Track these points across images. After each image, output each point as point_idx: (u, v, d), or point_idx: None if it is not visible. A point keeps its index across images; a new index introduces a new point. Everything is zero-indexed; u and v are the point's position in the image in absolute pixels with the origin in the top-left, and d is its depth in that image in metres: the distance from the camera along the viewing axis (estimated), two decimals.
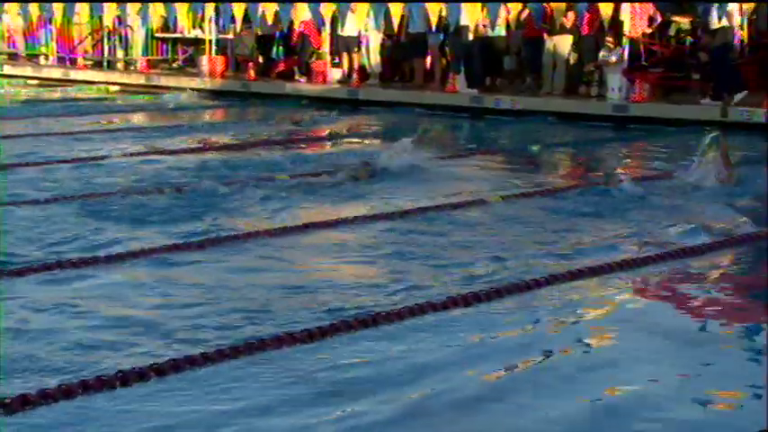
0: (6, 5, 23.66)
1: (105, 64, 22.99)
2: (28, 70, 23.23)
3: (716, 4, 14.54)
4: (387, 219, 7.93)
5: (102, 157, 11.19)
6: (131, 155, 11.51)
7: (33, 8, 23.10)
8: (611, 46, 15.84)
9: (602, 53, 15.98)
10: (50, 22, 23.25)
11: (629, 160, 11.86)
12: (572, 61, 16.50)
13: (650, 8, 15.88)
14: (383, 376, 4.54)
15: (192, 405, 4.20)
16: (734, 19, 14.74)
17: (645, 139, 13.73)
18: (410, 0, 17.47)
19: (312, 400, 4.27)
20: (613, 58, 15.74)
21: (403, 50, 18.75)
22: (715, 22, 14.61)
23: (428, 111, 16.61)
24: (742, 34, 15.48)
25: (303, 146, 13.08)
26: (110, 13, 22.34)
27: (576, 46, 16.41)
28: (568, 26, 16.17)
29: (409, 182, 9.80)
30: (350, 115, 16.85)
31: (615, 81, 15.56)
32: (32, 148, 11.91)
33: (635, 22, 15.63)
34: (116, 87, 21.29)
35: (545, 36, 16.46)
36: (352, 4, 18.39)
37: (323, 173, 10.11)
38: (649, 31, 15.52)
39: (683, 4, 15.23)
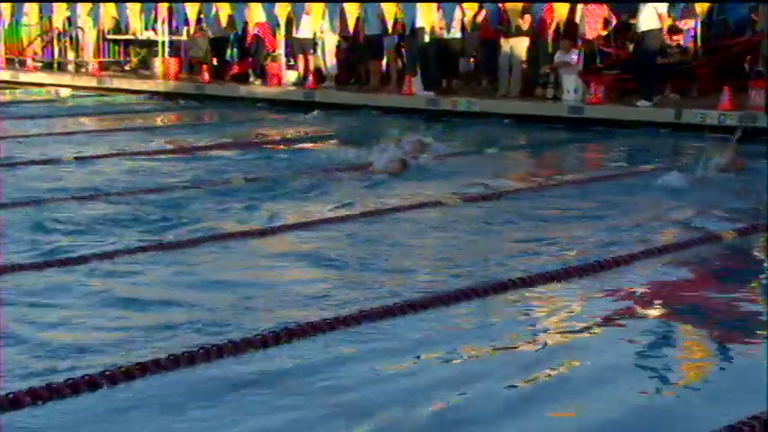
0: None
1: (55, 66, 22.66)
2: None
3: (648, 5, 14.65)
4: (339, 222, 7.85)
5: (53, 161, 11.00)
6: (84, 158, 11.33)
7: None
8: (567, 48, 15.88)
9: (557, 55, 16.03)
10: None
11: (587, 161, 11.86)
12: (528, 63, 16.52)
13: (605, 11, 15.94)
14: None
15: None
16: (660, 22, 14.83)
17: (600, 140, 13.77)
18: (366, 0, 17.39)
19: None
20: (569, 61, 15.79)
21: (359, 53, 18.67)
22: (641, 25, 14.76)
23: (384, 113, 16.55)
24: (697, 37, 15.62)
25: (268, 148, 12.98)
26: (59, 14, 22.01)
27: (531, 48, 16.43)
28: (524, 28, 16.18)
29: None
30: (307, 117, 16.75)
31: (571, 83, 15.61)
32: None
33: (590, 24, 15.68)
34: (67, 90, 20.98)
35: (501, 38, 16.46)
36: (307, 5, 18.28)
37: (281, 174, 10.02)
38: (605, 33, 15.57)
39: (638, 7, 15.30)
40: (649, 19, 14.73)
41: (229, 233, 7.35)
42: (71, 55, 22.59)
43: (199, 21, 20.14)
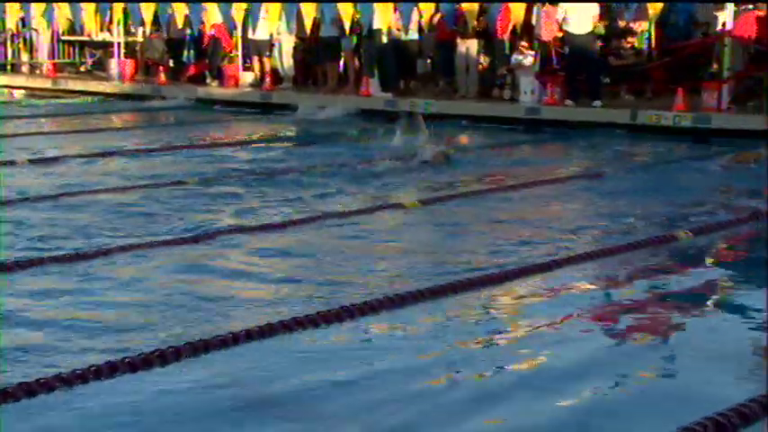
0: None
1: (9, 67, 22.40)
2: None
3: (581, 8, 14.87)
4: (301, 224, 7.84)
5: (7, 163, 10.89)
6: (39, 160, 11.22)
7: None
8: (524, 50, 15.97)
9: (514, 57, 16.11)
10: None
11: (544, 162, 11.91)
12: (485, 65, 16.59)
13: (561, 12, 16.04)
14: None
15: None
16: (591, 25, 15.04)
17: (556, 141, 13.85)
18: (322, 0, 17.37)
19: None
20: (526, 62, 15.88)
21: (316, 54, 18.64)
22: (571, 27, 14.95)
23: (342, 114, 16.54)
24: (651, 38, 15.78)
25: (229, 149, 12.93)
26: (12, 15, 21.74)
27: (489, 49, 16.50)
28: (478, 29, 16.25)
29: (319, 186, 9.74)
30: (264, 119, 16.71)
31: (527, 84, 15.70)
32: None
33: (546, 26, 15.78)
34: (21, 91, 20.76)
35: (457, 39, 16.51)
36: (263, 6, 18.21)
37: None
38: (560, 35, 15.67)
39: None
40: (583, 22, 14.90)
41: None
42: (25, 56, 22.34)
43: (155, 22, 20.00)
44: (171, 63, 20.54)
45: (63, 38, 22.58)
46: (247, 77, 19.09)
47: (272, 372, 4.59)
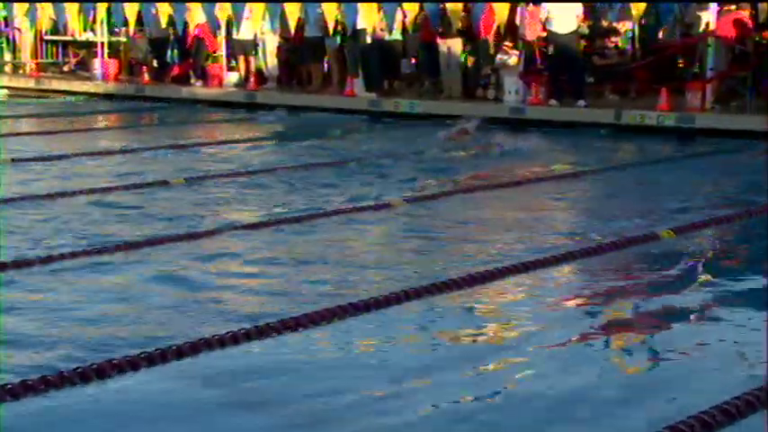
0: None
1: None
2: None
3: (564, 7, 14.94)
4: (280, 223, 7.83)
5: None
6: (22, 160, 11.17)
7: None
8: (508, 50, 15.99)
9: (498, 56, 16.13)
10: None
11: (528, 162, 11.92)
12: (469, 64, 16.61)
13: (545, 12, 16.07)
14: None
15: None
16: (575, 25, 15.10)
17: (542, 140, 13.86)
18: (307, 0, 17.35)
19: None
20: (510, 62, 15.90)
21: (300, 54, 18.62)
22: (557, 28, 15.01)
23: (327, 114, 16.54)
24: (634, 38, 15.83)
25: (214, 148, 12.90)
26: None
27: (473, 49, 16.52)
28: (463, 29, 16.26)
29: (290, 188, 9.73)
30: (248, 119, 16.69)
31: (512, 84, 15.72)
32: None
33: (530, 25, 15.81)
34: (3, 91, 20.65)
35: (438, 39, 16.52)
36: (247, 6, 18.18)
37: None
38: (544, 34, 15.70)
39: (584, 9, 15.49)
40: (566, 21, 14.95)
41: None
42: (8, 56, 22.23)
43: (138, 22, 19.94)
44: (155, 63, 20.47)
45: (46, 37, 22.48)
46: (232, 77, 19.05)
47: (262, 373, 4.58)
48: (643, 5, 15.08)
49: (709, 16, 14.77)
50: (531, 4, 15.80)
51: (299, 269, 6.46)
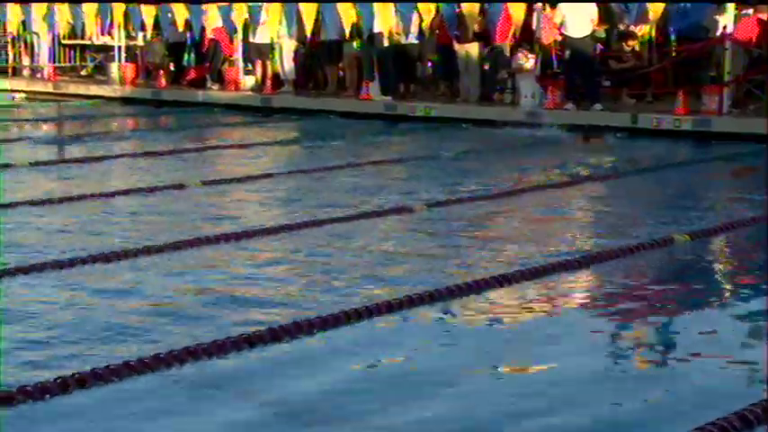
0: None
1: (10, 71, 22.41)
2: None
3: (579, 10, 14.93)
4: (291, 229, 7.83)
5: (8, 166, 10.89)
6: (40, 164, 11.23)
7: None
8: (525, 53, 15.97)
9: (515, 60, 16.11)
10: None
11: (545, 166, 11.91)
12: (485, 68, 16.61)
13: (560, 16, 16.04)
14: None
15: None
16: (590, 28, 15.07)
17: (558, 143, 13.84)
18: (324, 0, 17.38)
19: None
20: (527, 66, 15.88)
21: (316, 58, 18.65)
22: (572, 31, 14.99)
23: (343, 118, 16.56)
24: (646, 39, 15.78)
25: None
26: (14, 18, 21.75)
27: (489, 53, 16.51)
28: (476, 31, 16.25)
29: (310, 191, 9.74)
30: (265, 123, 16.72)
31: (528, 88, 15.70)
32: None
33: (546, 29, 15.79)
34: (22, 95, 20.77)
35: (455, 44, 16.51)
36: (264, 10, 18.23)
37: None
38: (560, 38, 15.67)
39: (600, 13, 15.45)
40: (582, 25, 14.93)
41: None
42: (26, 60, 22.34)
43: (155, 26, 20.01)
44: (171, 67, 20.54)
45: (64, 42, 22.58)
46: (248, 81, 19.09)
47: (282, 376, 4.59)
48: (661, 8, 15.02)
49: (726, 19, 14.72)
50: (548, 8, 15.78)
51: (316, 273, 6.46)
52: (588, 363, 4.83)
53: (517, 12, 15.98)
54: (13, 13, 21.70)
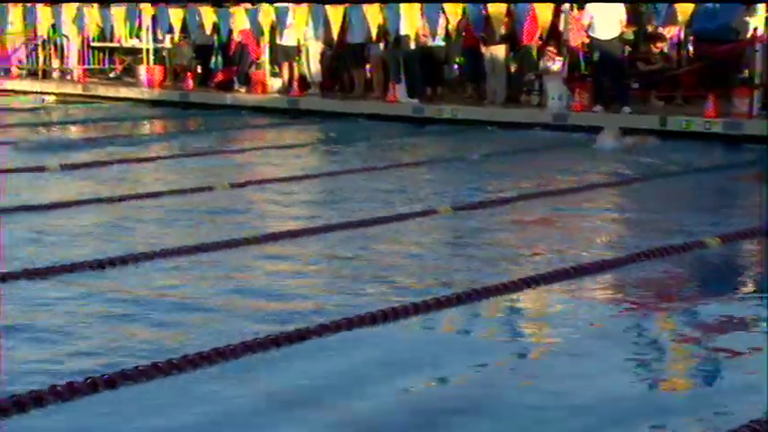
0: None
1: (40, 73, 22.58)
2: None
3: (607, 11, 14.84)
4: (334, 230, 7.85)
5: (38, 168, 10.97)
6: (70, 166, 11.30)
7: None
8: (552, 55, 15.93)
9: (542, 62, 16.07)
10: None
11: (572, 169, 11.85)
12: (512, 70, 16.58)
13: (587, 18, 15.98)
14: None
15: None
16: (618, 30, 14.98)
17: (586, 146, 13.78)
18: (351, 1, 17.39)
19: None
20: (554, 68, 15.83)
21: (343, 60, 18.67)
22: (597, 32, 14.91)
23: (369, 120, 16.57)
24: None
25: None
26: (44, 21, 21.92)
27: (516, 55, 16.48)
28: (502, 34, 16.22)
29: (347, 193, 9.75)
30: (292, 125, 16.75)
31: (555, 90, 15.65)
32: None
33: (574, 31, 15.74)
34: (52, 97, 20.92)
35: (481, 46, 16.48)
36: (291, 13, 18.27)
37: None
38: (588, 40, 15.61)
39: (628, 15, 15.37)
40: (610, 26, 14.86)
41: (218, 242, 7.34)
42: (56, 63, 22.51)
43: (183, 28, 20.10)
44: (199, 69, 20.63)
45: (93, 44, 22.73)
46: (275, 83, 19.14)
47: (310, 378, 4.60)
48: (690, 9, 14.92)
49: (757, 21, 14.60)
50: (575, 10, 15.73)
51: (342, 276, 6.47)
52: (619, 367, 4.82)
53: (544, 13, 15.93)
54: (44, 15, 21.86)
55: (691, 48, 15.25)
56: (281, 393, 4.42)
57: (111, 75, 22.72)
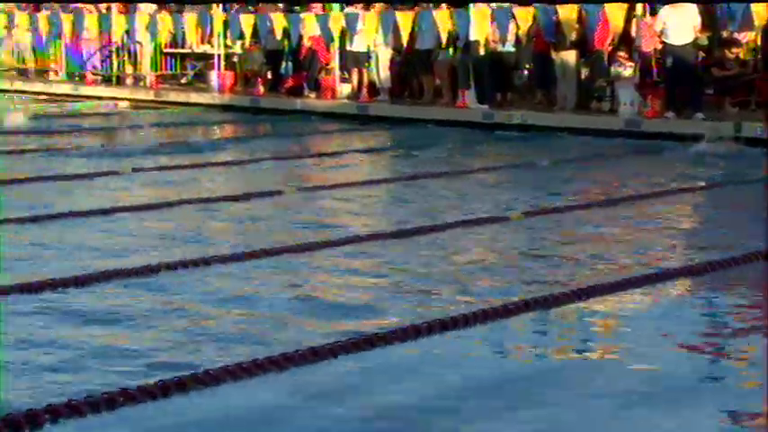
0: (17, 21, 23.64)
1: (114, 79, 22.96)
2: (38, 86, 23.20)
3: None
4: (397, 237, 7.83)
5: (112, 173, 11.14)
6: (142, 170, 11.45)
7: (43, 24, 23.06)
8: (624, 61, 15.73)
9: (613, 68, 15.88)
10: (59, 38, 23.18)
11: (645, 175, 11.69)
12: (583, 76, 16.42)
13: (660, 23, 15.77)
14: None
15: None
16: (692, 35, 14.73)
17: (657, 152, 13.58)
18: (423, 0, 17.35)
19: None
20: (625, 73, 15.64)
21: (412, 66, 18.66)
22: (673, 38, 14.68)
23: (438, 126, 16.53)
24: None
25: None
26: (118, 28, 22.29)
27: (587, 61, 16.31)
28: (577, 40, 16.07)
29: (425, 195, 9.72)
30: (361, 130, 16.79)
31: (627, 96, 15.46)
32: (45, 163, 11.90)
33: (646, 37, 15.53)
34: (125, 103, 21.25)
35: (552, 51, 16.35)
36: (361, 19, 18.32)
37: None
38: (661, 46, 15.40)
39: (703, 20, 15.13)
40: (683, 32, 14.62)
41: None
42: (129, 69, 22.86)
43: (254, 34, 20.27)
44: (269, 75, 20.78)
45: (165, 50, 23.04)
46: (344, 89, 19.20)
47: (378, 384, 4.59)
48: (766, 14, 14.62)
49: None
50: (648, 15, 15.53)
51: (410, 281, 6.45)
52: (689, 369, 4.74)
53: (616, 18, 15.74)
54: (118, 22, 22.23)
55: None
56: (348, 399, 4.41)
57: (183, 81, 22.99)
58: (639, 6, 15.66)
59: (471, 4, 17.10)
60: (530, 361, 5.01)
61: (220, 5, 21.00)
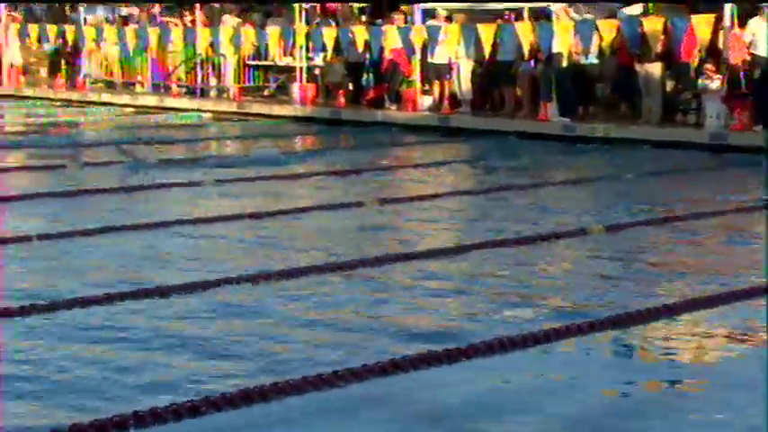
0: (105, 35, 24.19)
1: (198, 91, 23.32)
2: (125, 98, 23.70)
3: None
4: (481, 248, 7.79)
5: (195, 183, 11.29)
6: (225, 181, 11.58)
7: (130, 37, 23.55)
8: (710, 73, 15.45)
9: (700, 80, 15.60)
10: (146, 51, 23.65)
11: (730, 190, 11.46)
12: (668, 89, 16.17)
13: (749, 35, 15.47)
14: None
15: None
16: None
17: (744, 168, 13.29)
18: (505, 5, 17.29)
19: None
20: (712, 86, 15.36)
21: (494, 78, 18.59)
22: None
23: (520, 138, 16.43)
24: None
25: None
26: (203, 40, 22.66)
27: (673, 73, 16.06)
28: (662, 52, 15.83)
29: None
30: (443, 142, 16.77)
31: (714, 109, 15.17)
32: (130, 173, 12.15)
33: (734, 49, 15.24)
34: (207, 114, 21.57)
35: (635, 63, 16.14)
36: (442, 31, 18.33)
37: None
38: (749, 58, 15.10)
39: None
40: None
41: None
42: (213, 81, 23.19)
43: (336, 46, 20.40)
44: (350, 87, 20.89)
45: (248, 62, 23.32)
46: (426, 101, 19.20)
47: (459, 399, 4.56)
48: None
49: None
50: (736, 27, 15.24)
51: (489, 295, 6.42)
52: None
53: (703, 30, 15.48)
54: (203, 36, 22.61)
55: None
56: (414, 413, 4.40)
57: (265, 93, 23.24)
58: (727, 18, 15.37)
59: (553, 16, 16.98)
60: (611, 378, 4.93)
61: (303, 19, 21.20)
